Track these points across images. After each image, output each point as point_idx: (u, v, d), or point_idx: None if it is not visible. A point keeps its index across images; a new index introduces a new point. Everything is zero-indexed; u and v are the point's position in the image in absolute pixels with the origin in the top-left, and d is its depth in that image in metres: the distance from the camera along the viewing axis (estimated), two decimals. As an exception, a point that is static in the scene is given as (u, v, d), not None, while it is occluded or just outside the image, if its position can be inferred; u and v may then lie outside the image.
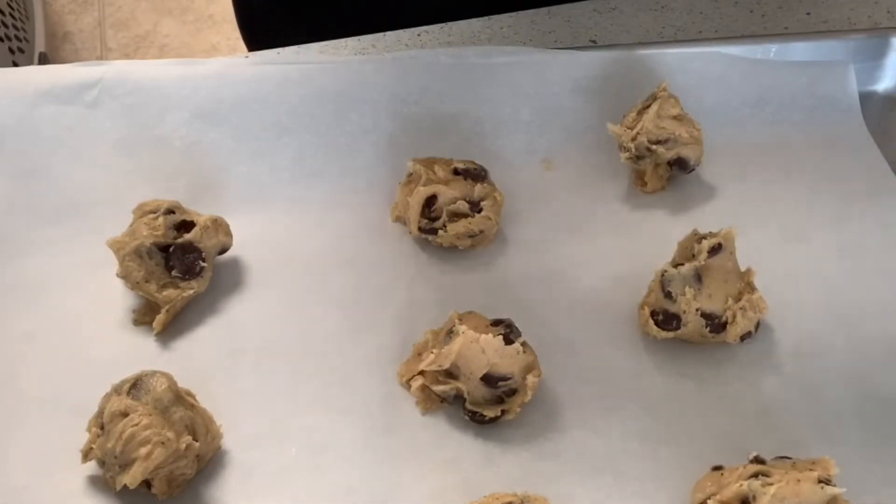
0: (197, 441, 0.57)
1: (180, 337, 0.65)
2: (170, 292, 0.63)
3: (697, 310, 0.62)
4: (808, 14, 0.81)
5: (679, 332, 0.63)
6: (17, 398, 0.62)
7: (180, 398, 0.58)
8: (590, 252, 0.68)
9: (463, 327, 0.60)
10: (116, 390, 0.58)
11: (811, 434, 0.61)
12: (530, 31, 0.80)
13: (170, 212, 0.65)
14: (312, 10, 0.86)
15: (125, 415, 0.56)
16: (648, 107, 0.70)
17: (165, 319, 0.64)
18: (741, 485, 0.55)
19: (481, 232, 0.67)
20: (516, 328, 0.62)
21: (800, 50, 0.77)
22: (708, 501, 0.56)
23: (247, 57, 0.76)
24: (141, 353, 0.64)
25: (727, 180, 0.73)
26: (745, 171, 0.73)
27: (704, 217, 0.70)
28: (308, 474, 0.59)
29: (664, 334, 0.63)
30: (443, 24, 0.81)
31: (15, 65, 1.43)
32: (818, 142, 0.75)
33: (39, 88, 0.72)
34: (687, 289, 0.62)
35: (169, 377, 0.59)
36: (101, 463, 0.58)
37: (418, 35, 0.80)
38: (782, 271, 0.67)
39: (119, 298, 0.65)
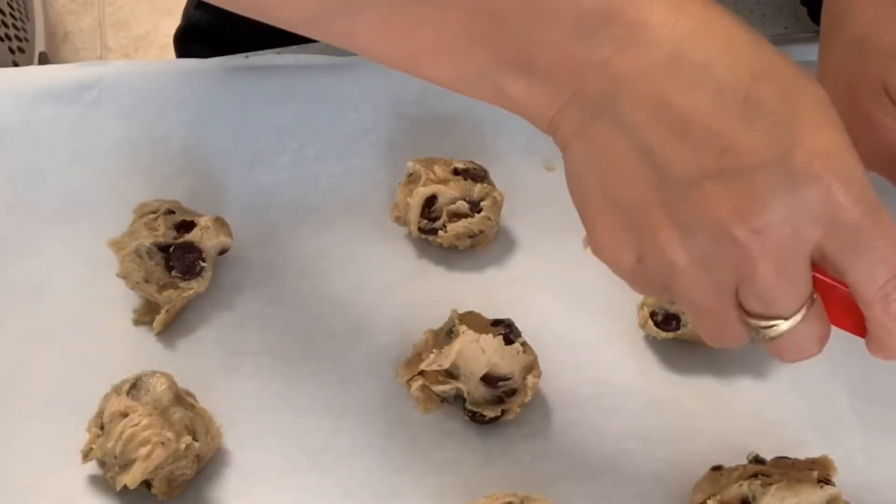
0: (197, 441, 0.57)
1: (180, 337, 0.65)
2: (170, 292, 0.63)
3: (697, 310, 0.62)
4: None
5: (679, 332, 0.63)
6: (17, 398, 0.62)
7: (180, 398, 0.58)
8: (590, 252, 0.68)
9: (463, 327, 0.60)
10: (116, 390, 0.58)
11: (811, 434, 0.61)
12: (530, 31, 0.80)
13: (170, 212, 0.65)
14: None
15: (125, 415, 0.56)
16: (648, 107, 0.70)
17: (165, 319, 0.64)
18: (741, 485, 0.56)
19: (481, 232, 0.67)
20: (516, 328, 0.62)
21: (800, 50, 0.77)
22: (707, 501, 0.56)
23: (247, 57, 0.76)
24: (141, 353, 0.63)
25: (727, 180, 0.73)
26: (745, 171, 0.73)
27: (704, 217, 0.70)
28: (308, 474, 0.60)
29: (664, 334, 0.63)
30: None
31: (15, 65, 1.43)
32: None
33: (39, 88, 0.72)
34: (687, 289, 0.62)
35: (169, 377, 0.59)
36: (101, 463, 0.58)
37: (418, 35, 0.80)
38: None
39: (119, 298, 0.65)
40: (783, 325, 0.46)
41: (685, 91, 0.44)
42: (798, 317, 0.46)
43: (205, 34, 0.92)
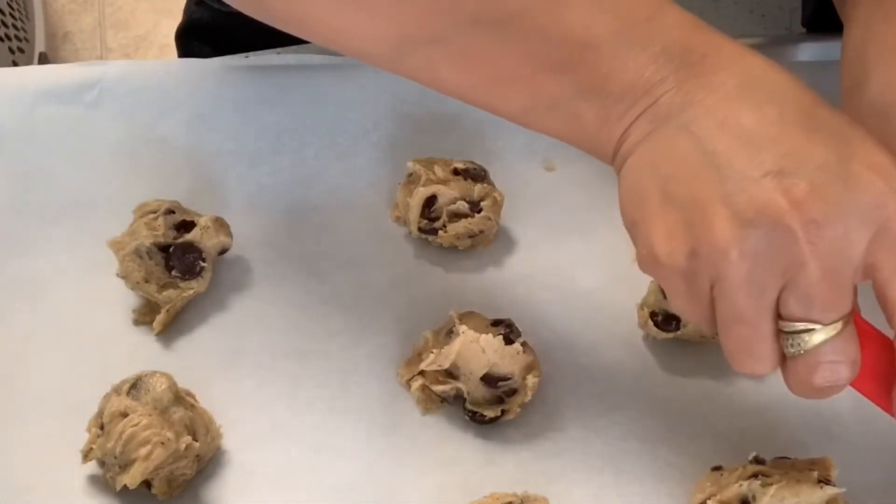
0: (197, 441, 0.57)
1: (180, 337, 0.65)
2: (170, 292, 0.63)
3: (697, 310, 0.62)
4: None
5: (678, 332, 0.63)
6: (17, 398, 0.62)
7: (180, 398, 0.58)
8: (590, 252, 0.68)
9: (463, 327, 0.60)
10: (116, 390, 0.58)
11: (811, 434, 0.61)
12: (530, 31, 0.80)
13: (170, 212, 0.65)
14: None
15: (125, 415, 0.56)
16: (648, 107, 0.70)
17: (165, 319, 0.64)
18: (741, 485, 0.56)
19: (481, 232, 0.67)
20: (516, 328, 0.62)
21: (800, 50, 0.77)
22: (707, 502, 0.56)
23: (247, 57, 0.76)
24: (141, 353, 0.64)
25: (727, 180, 0.73)
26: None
27: (704, 217, 0.70)
28: (308, 474, 0.60)
29: (663, 335, 0.63)
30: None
31: (15, 65, 1.43)
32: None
33: (39, 88, 0.72)
34: (687, 289, 0.62)
35: (169, 377, 0.59)
36: (101, 463, 0.58)
37: (418, 35, 0.80)
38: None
39: (119, 298, 0.65)
40: (818, 335, 0.47)
41: (753, 108, 0.47)
42: (835, 328, 0.47)
43: (206, 31, 0.92)
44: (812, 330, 0.47)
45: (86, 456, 0.58)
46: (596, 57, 0.49)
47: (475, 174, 0.67)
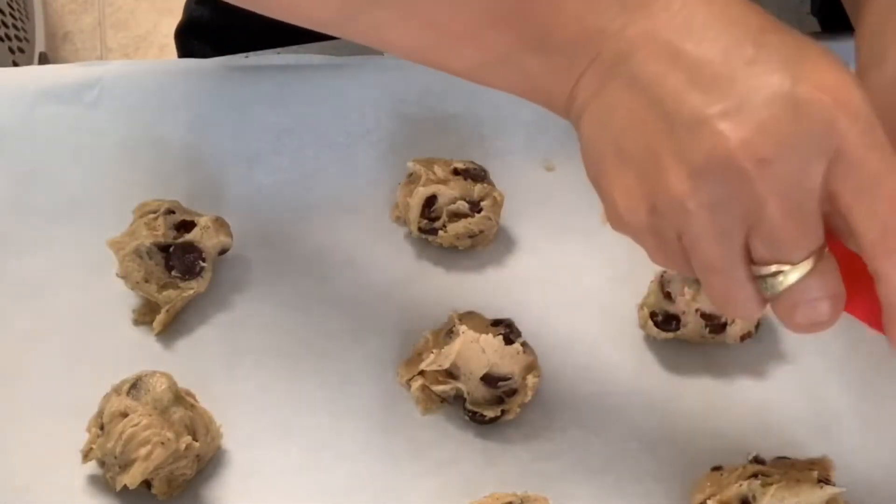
0: (197, 441, 0.57)
1: (180, 337, 0.65)
2: (170, 292, 0.63)
3: (697, 310, 0.62)
4: (809, 14, 0.81)
5: (679, 332, 0.63)
6: (17, 398, 0.62)
7: (180, 398, 0.58)
8: (590, 252, 0.68)
9: (463, 327, 0.60)
10: (116, 390, 0.58)
11: (811, 434, 0.61)
12: (530, 31, 0.80)
13: (170, 212, 0.65)
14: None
15: (125, 415, 0.56)
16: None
17: (165, 319, 0.64)
18: (740, 485, 0.56)
19: (481, 232, 0.67)
20: (516, 328, 0.62)
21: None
22: (707, 502, 0.56)
23: (247, 57, 0.76)
24: (141, 353, 0.64)
25: (727, 180, 0.73)
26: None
27: (704, 217, 0.70)
28: (308, 474, 0.60)
29: (663, 335, 0.63)
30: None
31: (15, 65, 1.43)
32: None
33: (39, 88, 0.72)
34: (686, 289, 0.62)
35: (169, 377, 0.59)
36: (101, 463, 0.58)
37: (418, 35, 0.80)
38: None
39: (119, 298, 0.65)
40: (792, 275, 0.45)
41: (697, 45, 0.45)
42: (807, 265, 0.45)
43: (206, 30, 0.92)
44: (783, 271, 0.45)
45: (86, 456, 0.58)
46: (534, 9, 0.48)
47: (475, 174, 0.67)
